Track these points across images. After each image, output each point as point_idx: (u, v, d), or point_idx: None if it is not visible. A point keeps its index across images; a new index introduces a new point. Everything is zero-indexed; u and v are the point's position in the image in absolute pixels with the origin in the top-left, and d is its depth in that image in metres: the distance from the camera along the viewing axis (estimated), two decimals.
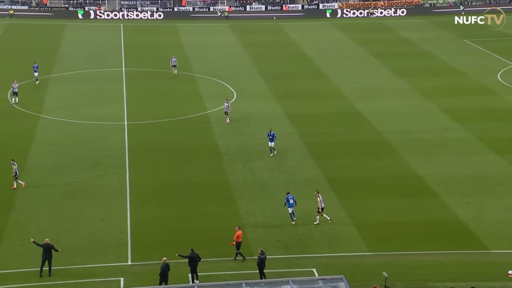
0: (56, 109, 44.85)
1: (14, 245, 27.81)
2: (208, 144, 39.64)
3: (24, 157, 36.66)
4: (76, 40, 66.08)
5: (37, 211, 31.02)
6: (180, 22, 76.02)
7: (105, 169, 35.77)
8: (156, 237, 29.22)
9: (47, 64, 55.65)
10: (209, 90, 50.38)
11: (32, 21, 72.90)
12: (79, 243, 28.41)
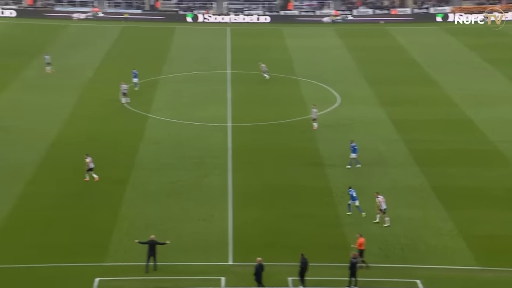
0: (163, 109, 46.32)
1: (123, 240, 28.94)
2: (310, 148, 39.54)
3: (133, 155, 38.13)
4: (184, 43, 68.06)
5: (145, 207, 32.14)
6: (285, 26, 76.48)
7: (208, 169, 36.51)
8: (257, 238, 29.47)
9: (157, 66, 57.66)
10: (312, 93, 50.29)
11: (144, 24, 75.85)
12: (183, 241, 29.13)
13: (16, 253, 27.65)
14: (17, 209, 31.44)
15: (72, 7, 79.36)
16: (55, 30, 70.32)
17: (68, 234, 29.44)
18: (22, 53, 59.22)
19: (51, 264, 26.94)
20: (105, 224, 30.32)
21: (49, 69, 54.20)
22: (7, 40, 65.18)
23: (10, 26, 71.53)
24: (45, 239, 28.99)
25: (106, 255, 27.74)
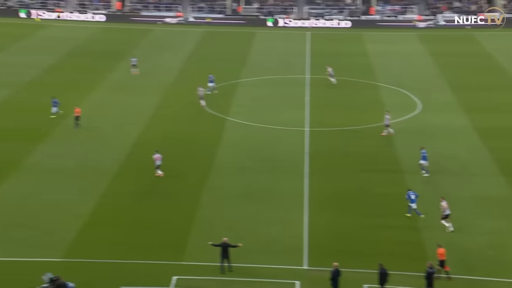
0: (241, 113, 46.86)
1: (200, 240, 29.49)
2: (388, 155, 38.99)
3: (211, 157, 38.81)
4: (264, 47, 68.61)
5: (221, 209, 32.66)
6: (366, 31, 75.73)
7: (285, 173, 36.67)
8: (332, 243, 29.36)
9: (236, 69, 58.43)
10: (392, 100, 49.58)
11: (226, 29, 77.01)
12: (258, 243, 29.40)
13: (98, 249, 28.70)
14: (101, 207, 32.64)
15: (157, 12, 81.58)
16: (141, 34, 72.54)
17: (148, 232, 30.30)
18: (110, 56, 61.43)
19: (131, 260, 27.78)
20: (183, 224, 31.02)
21: (134, 71, 56.01)
22: (97, 43, 67.80)
23: (99, 30, 74.38)
24: (125, 236, 29.96)
25: (184, 254, 28.36)
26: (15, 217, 31.13)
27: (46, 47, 64.92)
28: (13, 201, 32.62)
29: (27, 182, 34.86)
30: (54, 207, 32.26)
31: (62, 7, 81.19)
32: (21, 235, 29.44)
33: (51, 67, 57.56)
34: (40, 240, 29.20)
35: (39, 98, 48.12)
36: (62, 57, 61.24)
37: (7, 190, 33.77)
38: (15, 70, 55.63)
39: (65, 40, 68.33)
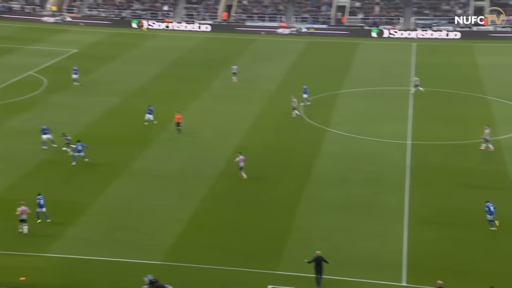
0: (342, 124, 46.55)
1: (296, 250, 29.56)
2: (496, 171, 37.40)
3: (310, 167, 38.80)
4: (367, 58, 67.85)
5: (318, 220, 32.56)
6: (477, 42, 73.08)
7: (385, 186, 36.04)
8: (432, 261, 28.51)
9: (338, 80, 58.13)
10: (503, 114, 47.53)
11: (329, 39, 76.86)
12: (355, 256, 29.05)
13: (197, 254, 29.36)
14: (200, 212, 33.41)
15: (261, 22, 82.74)
16: (245, 44, 73.82)
17: (245, 240, 30.70)
18: (214, 65, 62.92)
19: (227, 267, 28.21)
20: (279, 233, 31.17)
21: (235, 79, 57.07)
22: (202, 53, 69.65)
23: (204, 40, 76.40)
24: (223, 242, 30.49)
25: (279, 264, 28.48)
26: (120, 219, 32.46)
27: (154, 56, 67.43)
28: (118, 204, 34.06)
29: (131, 185, 36.29)
30: (156, 211, 33.37)
31: (171, 18, 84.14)
32: (124, 238, 30.65)
33: (157, 75, 59.71)
34: (142, 243, 30.27)
35: (144, 105, 50.01)
36: (168, 66, 63.37)
37: (113, 192, 35.32)
38: (125, 78, 58.14)
39: (171, 49, 70.72)
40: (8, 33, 75.76)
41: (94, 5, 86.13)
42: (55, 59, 64.13)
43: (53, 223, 31.67)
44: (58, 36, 75.27)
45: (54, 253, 28.94)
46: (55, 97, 51.83)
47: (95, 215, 32.75)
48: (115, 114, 47.88)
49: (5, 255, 28.70)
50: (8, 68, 60.11)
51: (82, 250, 29.37)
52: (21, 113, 47.30)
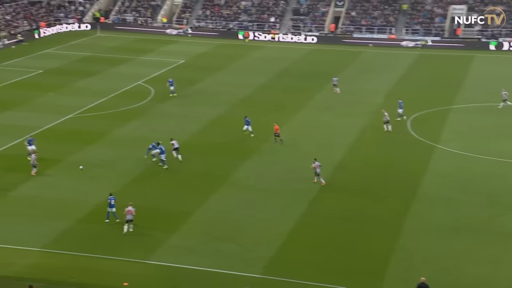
0: (453, 141, 44.82)
1: (398, 271, 28.61)
2: None
3: (416, 185, 37.56)
4: (483, 71, 65.18)
5: (424, 241, 31.35)
6: None
7: (503, 208, 34.28)
8: None
9: (450, 95, 56.13)
10: None
11: (441, 52, 74.57)
12: (462, 282, 27.66)
13: (295, 269, 29.08)
14: (300, 226, 33.11)
15: (369, 34, 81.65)
16: (351, 56, 73.05)
17: (345, 257, 30.10)
18: (318, 76, 62.64)
19: (326, 284, 27.72)
20: (382, 252, 30.28)
21: (338, 90, 56.84)
22: (307, 64, 69.62)
23: (310, 51, 76.37)
24: (322, 258, 30.02)
25: (382, 284, 27.60)
26: (220, 230, 32.74)
27: (258, 67, 68.11)
28: (219, 214, 34.40)
29: (232, 196, 36.58)
30: (256, 223, 33.40)
31: (277, 29, 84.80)
32: (224, 248, 30.87)
33: (261, 86, 60.20)
34: (241, 254, 30.36)
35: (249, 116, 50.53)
36: (273, 77, 63.75)
37: (213, 203, 35.73)
38: (230, 89, 59.06)
39: (276, 60, 71.16)
40: (121, 44, 79.18)
41: (203, 16, 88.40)
42: (163, 70, 66.19)
43: (156, 231, 32.44)
44: (167, 47, 77.78)
45: (156, 261, 29.57)
46: (161, 107, 53.44)
47: (196, 224, 33.24)
48: (219, 124, 48.63)
49: (108, 259, 29.67)
50: (120, 77, 62.69)
51: (183, 258, 29.83)
52: (129, 121, 49.07)
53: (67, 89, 58.06)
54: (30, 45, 76.77)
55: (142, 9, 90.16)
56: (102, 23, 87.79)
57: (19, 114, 50.52)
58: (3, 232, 31.74)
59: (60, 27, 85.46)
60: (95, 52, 73.98)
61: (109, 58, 71.11)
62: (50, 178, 38.52)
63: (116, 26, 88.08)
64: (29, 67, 66.02)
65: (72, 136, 45.64)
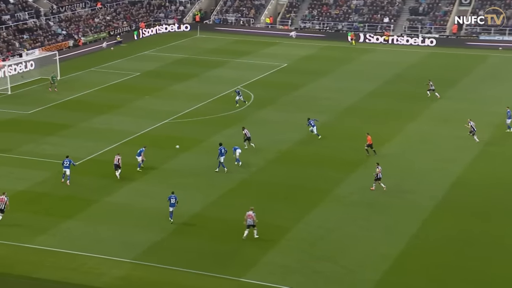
0: None
1: None
2: None
3: None
4: None
5: None
6: None
7: None
8: None
9: None
10: None
11: None
12: None
13: None
14: (410, 249, 32.26)
15: (499, 36, 78.63)
16: (476, 60, 70.79)
17: (463, 285, 29.01)
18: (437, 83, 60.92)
19: None
20: (506, 282, 28.94)
21: (437, 95, 56.33)
22: (423, 69, 67.93)
23: (428, 55, 74.70)
24: (435, 285, 29.07)
25: None
26: (319, 249, 32.44)
27: (369, 71, 67.33)
28: (319, 232, 34.09)
29: (334, 212, 36.21)
30: (360, 243, 32.87)
31: (391, 31, 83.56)
32: (323, 269, 30.49)
33: (371, 93, 59.43)
34: (342, 277, 29.90)
35: (353, 126, 50.04)
36: (384, 83, 62.83)
37: (314, 218, 35.50)
38: (336, 95, 58.71)
39: (389, 64, 70.11)
40: (221, 46, 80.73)
41: (309, 16, 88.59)
42: (263, 73, 66.85)
43: (250, 246, 32.65)
44: (268, 49, 78.53)
45: (249, 279, 29.66)
46: (261, 113, 53.89)
47: (294, 241, 33.15)
48: (322, 133, 48.34)
49: (200, 275, 30.09)
50: (218, 81, 63.85)
51: (279, 278, 29.73)
52: (227, 128, 49.78)
53: (164, 92, 59.82)
54: (129, 47, 79.86)
55: (245, 9, 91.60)
56: (202, 23, 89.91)
57: (115, 118, 52.53)
58: (94, 240, 32.99)
59: (159, 28, 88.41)
60: (193, 54, 75.82)
61: (208, 61, 72.67)
62: (143, 185, 39.70)
63: (216, 27, 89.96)
64: (126, 69, 68.64)
65: (167, 142, 46.87)
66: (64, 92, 59.03)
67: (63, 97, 58.05)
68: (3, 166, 42.33)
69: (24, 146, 45.92)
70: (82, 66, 69.77)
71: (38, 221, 35.04)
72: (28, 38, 73.22)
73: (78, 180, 40.19)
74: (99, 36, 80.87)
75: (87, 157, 43.92)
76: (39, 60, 66.77)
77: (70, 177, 39.48)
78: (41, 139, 47.27)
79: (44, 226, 34.43)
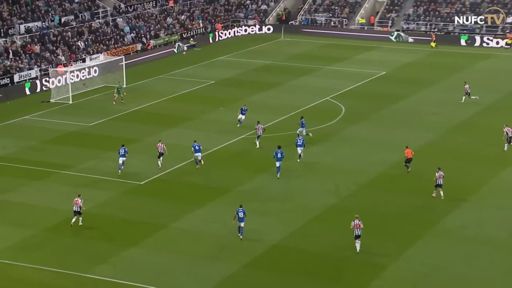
0: None
1: None
2: None
3: None
4: None
5: None
6: None
7: None
8: None
9: None
10: None
11: None
12: None
13: None
14: None
15: None
16: None
17: None
18: None
19: None
20: None
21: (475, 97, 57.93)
22: None
23: None
24: None
25: None
26: None
27: (486, 82, 65.89)
28: (422, 270, 33.29)
29: (441, 248, 35.40)
30: (473, 285, 32.11)
31: None
32: None
33: (489, 107, 58.32)
34: None
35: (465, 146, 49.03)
36: (506, 95, 61.59)
37: (416, 254, 34.78)
38: (444, 109, 57.73)
39: None
40: (308, 50, 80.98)
41: (414, 16, 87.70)
42: (357, 83, 66.54)
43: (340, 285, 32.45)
44: (364, 55, 78.28)
45: None
46: (353, 129, 53.41)
47: (391, 281, 32.55)
48: (426, 154, 47.43)
49: None
50: (304, 91, 63.94)
51: None
52: (313, 145, 49.43)
53: (241, 103, 60.07)
54: (203, 51, 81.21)
55: (337, 8, 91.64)
56: (287, 25, 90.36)
57: (185, 131, 53.27)
58: (159, 272, 33.46)
59: (238, 30, 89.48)
60: (276, 60, 76.33)
61: (293, 68, 72.99)
62: (214, 210, 40.02)
63: (303, 28, 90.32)
64: (199, 76, 69.71)
65: (244, 161, 47.19)
66: (129, 102, 60.51)
67: (128, 107, 59.49)
68: (62, 184, 43.55)
69: (85, 162, 47.15)
70: (150, 72, 71.38)
71: (97, 247, 35.80)
72: (93, 40, 75.39)
73: (142, 202, 40.99)
74: (170, 39, 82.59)
75: (152, 177, 44.72)
76: (104, 66, 68.73)
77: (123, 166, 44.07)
78: (103, 154, 48.47)
79: (104, 253, 35.14)
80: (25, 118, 57.30)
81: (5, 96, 62.34)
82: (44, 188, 43.17)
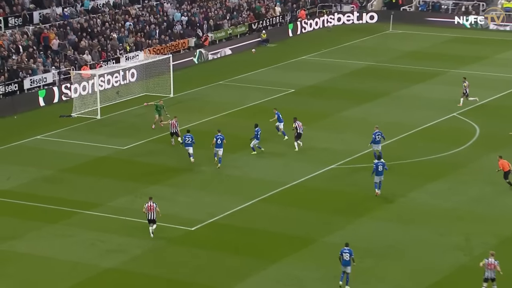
0: None
1: None
2: None
3: None
4: None
5: None
6: None
7: None
8: None
9: None
10: None
11: None
12: None
13: None
14: None
15: None
16: None
17: None
18: None
19: None
20: None
21: None
22: None
23: None
24: None
25: None
26: None
27: None
28: None
29: None
30: None
31: None
32: None
33: None
34: None
35: None
36: None
37: None
38: None
39: None
40: (427, 47, 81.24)
41: None
42: (498, 93, 66.42)
43: None
44: (508, 54, 77.92)
45: None
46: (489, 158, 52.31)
47: None
48: None
49: None
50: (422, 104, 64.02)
51: None
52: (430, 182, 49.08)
53: (333, 120, 60.10)
54: (279, 47, 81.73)
55: None
56: (397, 11, 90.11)
57: (254, 161, 53.10)
58: None
59: (328, 19, 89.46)
60: (381, 61, 76.60)
61: (405, 71, 73.12)
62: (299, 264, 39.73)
63: (421, 16, 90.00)
64: (274, 83, 70.01)
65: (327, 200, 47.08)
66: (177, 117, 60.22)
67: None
68: (85, 229, 43.46)
69: (116, 199, 47.40)
70: (207, 77, 71.94)
71: None
72: (131, 32, 75.33)
73: (193, 254, 40.94)
74: (234, 31, 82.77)
75: (209, 220, 44.68)
76: (143, 68, 69.01)
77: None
78: (140, 189, 48.59)
79: None
80: (37, 138, 58.11)
81: (11, 108, 62.69)
82: (61, 234, 43.38)
